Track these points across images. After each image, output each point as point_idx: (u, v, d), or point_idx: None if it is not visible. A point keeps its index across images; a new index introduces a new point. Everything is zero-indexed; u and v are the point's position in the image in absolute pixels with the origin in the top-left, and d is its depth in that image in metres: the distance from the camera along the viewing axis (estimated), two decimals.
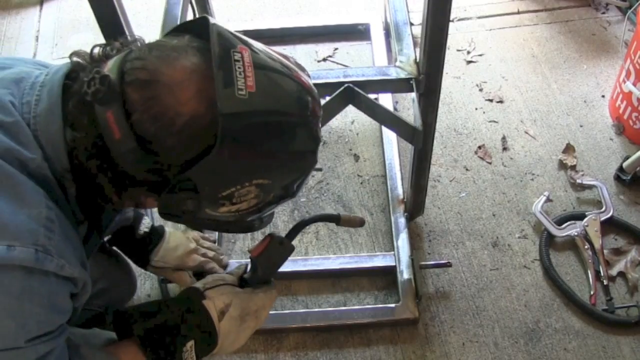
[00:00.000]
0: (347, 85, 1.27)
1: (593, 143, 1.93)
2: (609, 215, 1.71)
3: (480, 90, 2.08)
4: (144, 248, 1.32)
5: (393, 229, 1.70)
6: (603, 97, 2.06)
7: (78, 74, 0.80)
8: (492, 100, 2.05)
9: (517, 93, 2.07)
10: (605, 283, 1.60)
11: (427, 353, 1.52)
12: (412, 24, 1.43)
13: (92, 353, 0.90)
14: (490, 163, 1.89)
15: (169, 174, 0.78)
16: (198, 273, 1.41)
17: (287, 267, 1.61)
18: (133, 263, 1.36)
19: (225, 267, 1.49)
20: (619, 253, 1.67)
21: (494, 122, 2.00)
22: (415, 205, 1.67)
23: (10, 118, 0.79)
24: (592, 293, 1.59)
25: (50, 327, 0.80)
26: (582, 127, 1.98)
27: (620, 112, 1.93)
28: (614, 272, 1.63)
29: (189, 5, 1.50)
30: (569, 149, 1.90)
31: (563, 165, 1.88)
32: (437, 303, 1.60)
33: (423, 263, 1.63)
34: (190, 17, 1.52)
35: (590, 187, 1.81)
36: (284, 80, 0.81)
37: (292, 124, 0.81)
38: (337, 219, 1.13)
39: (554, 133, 1.96)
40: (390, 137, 1.91)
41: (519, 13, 2.34)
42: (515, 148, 1.93)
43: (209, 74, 0.75)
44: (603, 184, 1.78)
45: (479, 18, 2.32)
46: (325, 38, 2.25)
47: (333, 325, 1.55)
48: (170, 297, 1.49)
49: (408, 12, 1.45)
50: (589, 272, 1.62)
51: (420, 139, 1.30)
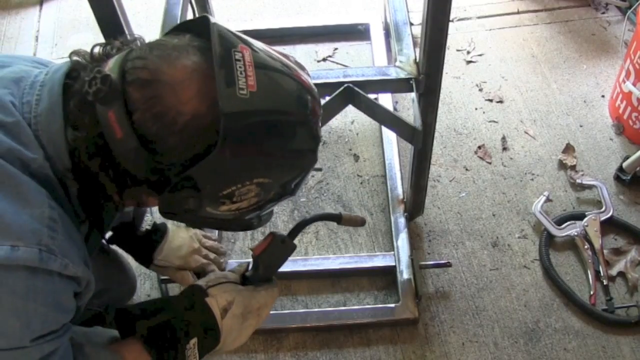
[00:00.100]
0: (347, 85, 1.27)
1: (593, 143, 1.93)
2: (609, 215, 1.71)
3: (480, 90, 2.08)
4: (147, 246, 1.31)
5: (393, 229, 1.70)
6: (603, 97, 2.06)
7: (79, 73, 0.80)
8: (492, 100, 2.05)
9: (517, 93, 2.08)
10: (605, 283, 1.61)
11: (427, 353, 1.52)
12: (412, 24, 1.43)
13: (96, 351, 0.91)
14: (490, 163, 1.90)
15: (170, 173, 0.79)
16: (198, 273, 1.40)
17: (287, 267, 1.61)
18: (135, 261, 1.35)
19: (224, 270, 1.47)
20: (619, 253, 1.68)
21: (494, 122, 2.00)
22: (415, 205, 1.68)
23: (11, 118, 0.79)
24: (592, 293, 1.59)
25: (55, 326, 0.80)
26: (582, 127, 1.98)
27: (620, 112, 1.93)
28: (614, 272, 1.64)
29: (189, 5, 1.50)
30: (569, 149, 1.90)
31: (563, 165, 1.88)
32: (437, 303, 1.61)
33: (423, 263, 1.63)
34: (190, 17, 1.52)
35: (590, 187, 1.81)
36: (285, 80, 0.81)
37: (292, 123, 0.81)
38: (338, 219, 1.13)
39: (554, 133, 1.96)
40: (390, 137, 1.91)
41: (519, 13, 2.34)
42: (515, 148, 1.93)
43: (210, 74, 0.75)
44: (603, 184, 1.78)
45: (479, 18, 2.32)
46: (325, 38, 2.25)
47: (333, 325, 1.55)
48: (173, 295, 1.48)
49: (408, 12, 1.45)
50: (589, 272, 1.62)
51: (420, 139, 1.30)
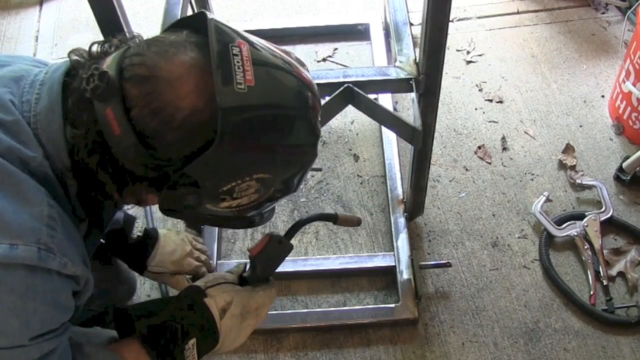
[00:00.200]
0: (346, 86, 1.27)
1: (593, 143, 1.93)
2: (609, 216, 1.71)
3: (480, 91, 2.08)
4: (139, 253, 1.28)
5: (393, 229, 1.70)
6: (603, 97, 2.06)
7: (77, 72, 0.80)
8: (491, 101, 2.05)
9: (516, 93, 2.08)
10: (605, 283, 1.61)
11: (426, 353, 1.52)
12: (411, 24, 1.43)
13: (95, 351, 0.90)
14: (490, 163, 1.90)
15: (170, 170, 0.78)
16: (192, 276, 1.39)
17: (287, 267, 1.63)
18: (129, 268, 1.34)
19: (213, 271, 1.43)
20: (619, 253, 1.68)
21: (494, 122, 2.00)
22: (415, 206, 1.68)
23: (11, 117, 0.79)
24: (591, 293, 1.59)
25: (54, 325, 0.80)
26: (581, 127, 1.98)
27: (620, 112, 1.93)
28: (614, 272, 1.64)
29: (189, 5, 1.50)
30: (569, 149, 1.90)
31: (563, 166, 1.88)
32: (436, 303, 1.60)
33: (423, 263, 1.63)
34: None
35: (590, 187, 1.81)
36: (283, 75, 0.81)
37: (291, 118, 0.81)
38: (334, 218, 1.13)
39: (554, 133, 1.96)
40: (390, 137, 1.91)
41: (519, 13, 2.34)
42: (515, 148, 1.93)
43: (208, 69, 0.75)
44: (603, 184, 1.78)
45: (479, 18, 2.32)
46: (325, 38, 2.25)
47: (333, 325, 1.55)
48: (172, 295, 1.48)
49: (408, 12, 1.45)
50: (589, 272, 1.62)
51: (420, 139, 1.30)
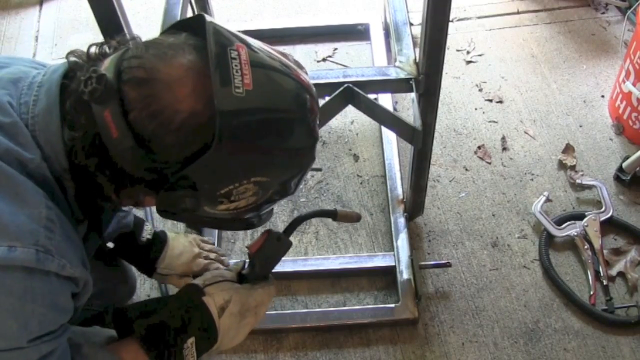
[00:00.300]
0: (346, 86, 1.27)
1: (593, 143, 1.93)
2: (609, 216, 1.71)
3: (480, 91, 2.08)
4: (149, 256, 1.30)
5: (393, 229, 1.70)
6: (603, 97, 2.06)
7: (75, 74, 0.80)
8: (491, 101, 2.05)
9: (516, 93, 2.08)
10: (605, 283, 1.61)
11: (426, 353, 1.52)
12: (411, 24, 1.43)
13: (94, 352, 0.90)
14: (490, 163, 1.90)
15: (167, 172, 0.78)
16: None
17: (287, 267, 1.63)
18: (138, 271, 1.35)
19: (228, 267, 1.48)
20: (619, 253, 1.68)
21: (494, 122, 2.00)
22: (415, 206, 1.68)
23: (9, 119, 0.79)
24: (591, 293, 1.59)
25: (52, 326, 0.80)
26: (581, 127, 1.98)
27: (620, 112, 1.93)
28: (614, 272, 1.64)
29: (189, 6, 1.50)
30: (569, 149, 1.90)
31: (563, 166, 1.88)
32: (436, 303, 1.60)
33: (423, 263, 1.63)
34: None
35: (590, 187, 1.81)
36: (282, 78, 0.81)
37: (289, 121, 0.81)
38: (334, 215, 1.13)
39: (554, 133, 1.96)
40: (390, 137, 1.91)
41: (519, 13, 2.34)
42: (515, 148, 1.93)
43: (206, 72, 0.75)
44: (603, 184, 1.78)
45: (479, 18, 2.32)
46: (325, 38, 2.25)
47: (333, 325, 1.55)
48: (170, 295, 1.48)
49: (408, 12, 1.45)
50: (589, 272, 1.62)
51: (420, 139, 1.30)
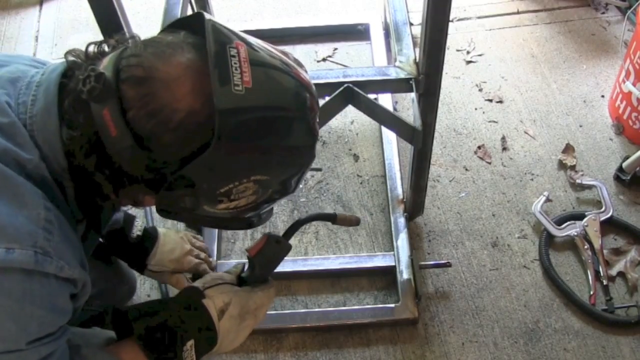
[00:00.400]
0: (346, 86, 1.27)
1: (592, 143, 1.93)
2: (609, 215, 1.71)
3: (480, 90, 2.08)
4: (140, 252, 1.29)
5: (393, 229, 1.70)
6: (603, 97, 2.06)
7: (74, 73, 0.79)
8: (491, 100, 2.05)
9: (516, 93, 2.07)
10: (605, 283, 1.61)
11: (426, 353, 1.52)
12: (411, 24, 1.43)
13: (93, 353, 0.90)
14: (490, 163, 1.89)
15: (166, 171, 0.78)
16: (192, 274, 1.39)
17: (287, 267, 1.63)
18: (129, 267, 1.34)
19: (214, 269, 1.44)
20: (619, 253, 1.67)
21: (494, 122, 2.00)
22: (415, 205, 1.67)
23: (7, 119, 0.79)
24: (591, 293, 1.59)
25: (52, 328, 0.79)
26: (581, 127, 1.98)
27: (620, 112, 1.93)
28: (614, 272, 1.64)
29: (189, 5, 1.50)
30: (569, 149, 1.90)
31: (563, 165, 1.88)
32: (436, 303, 1.60)
33: (423, 263, 1.63)
34: None
35: (590, 187, 1.81)
36: (281, 76, 0.81)
37: (289, 119, 0.80)
38: (333, 218, 1.13)
39: (554, 133, 1.96)
40: (390, 137, 1.91)
41: (519, 13, 2.34)
42: (515, 148, 1.93)
43: (205, 70, 0.74)
44: (603, 184, 1.78)
45: (479, 18, 2.32)
46: (325, 38, 2.24)
47: (333, 325, 1.55)
48: (170, 296, 1.48)
49: (408, 12, 1.45)
50: (589, 272, 1.62)
51: (420, 139, 1.30)
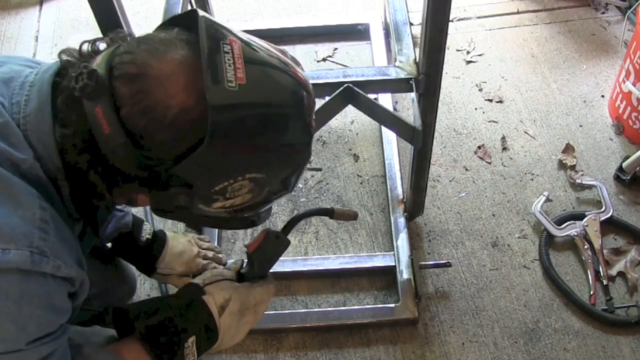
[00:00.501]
0: (346, 85, 1.27)
1: (593, 143, 1.93)
2: (609, 215, 1.71)
3: (480, 90, 2.08)
4: (149, 255, 1.29)
5: (393, 229, 1.70)
6: (603, 97, 2.06)
7: (67, 71, 0.79)
8: (491, 100, 2.05)
9: (516, 93, 2.07)
10: (605, 283, 1.61)
11: (426, 353, 1.52)
12: (411, 24, 1.43)
13: (94, 352, 0.90)
14: (490, 163, 1.89)
15: (161, 169, 0.77)
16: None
17: (287, 267, 1.63)
18: (138, 270, 1.35)
19: (225, 265, 1.48)
20: (619, 253, 1.67)
21: (494, 122, 2.00)
22: (415, 205, 1.67)
23: (0, 119, 0.78)
24: (591, 293, 1.59)
25: (51, 328, 0.79)
26: (581, 127, 1.98)
27: (620, 112, 1.93)
28: (614, 272, 1.64)
29: (189, 5, 1.50)
30: (569, 149, 1.90)
31: (563, 165, 1.88)
32: (436, 303, 1.60)
33: (423, 263, 1.63)
34: None
35: (590, 187, 1.81)
36: (276, 73, 0.80)
37: (284, 116, 0.80)
38: (331, 213, 1.13)
39: (554, 133, 1.96)
40: (390, 137, 1.91)
41: (519, 13, 2.34)
42: (515, 148, 1.93)
43: (198, 66, 0.74)
44: (603, 184, 1.78)
45: (479, 18, 2.32)
46: (325, 38, 2.24)
47: (333, 325, 1.55)
48: (170, 294, 1.48)
49: (408, 12, 1.45)
50: (589, 272, 1.62)
51: (420, 139, 1.30)
